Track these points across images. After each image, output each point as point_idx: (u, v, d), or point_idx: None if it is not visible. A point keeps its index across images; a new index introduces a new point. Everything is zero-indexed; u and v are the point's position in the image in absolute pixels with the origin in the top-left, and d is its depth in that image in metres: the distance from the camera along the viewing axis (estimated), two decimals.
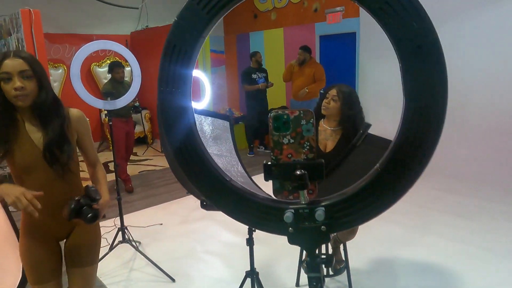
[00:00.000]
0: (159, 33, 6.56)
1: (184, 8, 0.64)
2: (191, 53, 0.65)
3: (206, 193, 0.69)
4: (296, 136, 0.67)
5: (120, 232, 3.02)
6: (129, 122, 4.50)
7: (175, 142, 0.69)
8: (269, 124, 0.68)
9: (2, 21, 4.98)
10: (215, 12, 0.63)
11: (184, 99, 0.68)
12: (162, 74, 0.67)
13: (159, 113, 0.69)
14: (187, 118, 0.68)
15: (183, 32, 0.64)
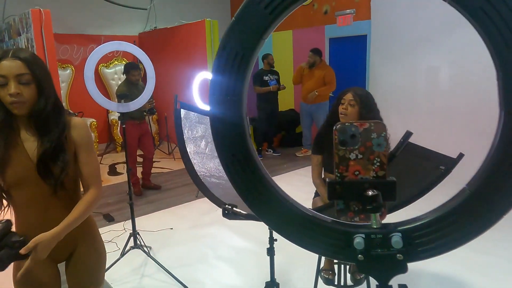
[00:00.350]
0: (167, 34, 6.52)
1: (243, 7, 0.57)
2: (249, 57, 0.59)
3: (262, 213, 0.62)
4: (365, 151, 0.60)
5: (132, 238, 2.95)
6: (142, 125, 4.38)
7: (227, 154, 0.62)
8: (334, 137, 0.60)
9: (12, 21, 4.95)
10: (279, 11, 0.56)
11: (240, 108, 0.61)
12: (217, 80, 0.60)
13: (212, 123, 0.62)
14: (242, 129, 0.61)
15: (241, 34, 0.57)
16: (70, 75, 6.47)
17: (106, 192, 4.70)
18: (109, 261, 2.90)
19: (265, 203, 0.62)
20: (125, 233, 3.53)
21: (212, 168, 2.05)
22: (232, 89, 0.59)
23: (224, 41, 0.59)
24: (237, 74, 0.59)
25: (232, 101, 0.60)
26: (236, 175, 0.62)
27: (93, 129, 6.31)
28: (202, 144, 2.13)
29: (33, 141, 1.35)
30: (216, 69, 0.60)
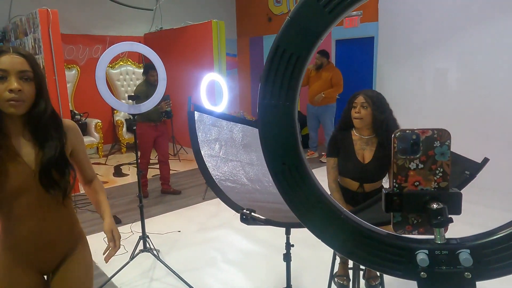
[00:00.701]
0: (173, 35, 6.49)
1: (300, 5, 0.53)
2: (304, 59, 0.55)
3: (314, 226, 0.58)
4: (426, 160, 0.56)
5: (141, 241, 2.90)
6: (158, 127, 4.27)
7: (277, 163, 0.58)
8: (393, 145, 0.56)
9: (18, 21, 4.92)
10: (340, 10, 0.52)
11: (292, 113, 0.57)
12: (267, 84, 0.56)
13: (261, 130, 0.58)
14: (293, 137, 0.57)
15: (297, 34, 0.54)
16: (76, 75, 6.45)
17: (112, 194, 4.66)
18: (116, 263, 2.89)
19: (317, 215, 0.58)
20: (133, 235, 3.50)
21: (226, 172, 2.01)
22: (285, 93, 0.55)
23: (277, 42, 0.55)
24: (290, 77, 0.55)
25: (284, 107, 0.56)
26: (286, 185, 0.58)
27: (98, 130, 6.28)
28: (216, 147, 2.09)
29: (27, 146, 1.26)
30: (268, 72, 0.56)
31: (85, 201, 4.37)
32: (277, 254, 3.18)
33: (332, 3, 0.52)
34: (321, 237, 0.58)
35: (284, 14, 7.57)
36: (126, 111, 2.55)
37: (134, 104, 2.56)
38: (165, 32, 6.72)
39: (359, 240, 0.57)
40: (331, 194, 2.41)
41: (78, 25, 6.43)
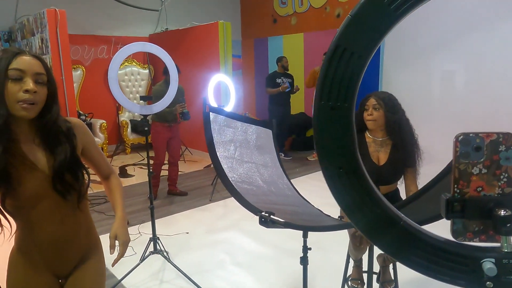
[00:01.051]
0: (179, 36, 6.48)
1: (363, 3, 0.51)
2: (366, 59, 0.53)
3: (371, 233, 0.56)
4: (490, 165, 0.54)
5: (151, 243, 2.88)
6: (172, 128, 4.23)
7: (333, 167, 0.56)
8: (455, 149, 0.54)
9: (25, 21, 4.91)
10: (407, 8, 0.50)
11: (350, 116, 0.55)
12: (325, 84, 0.54)
13: (317, 133, 0.56)
14: (351, 140, 0.55)
15: (360, 32, 0.52)
16: (81, 76, 6.44)
17: None
18: (126, 265, 2.87)
19: (374, 220, 0.56)
20: (141, 237, 3.48)
21: (242, 173, 1.99)
22: (344, 94, 0.53)
23: (337, 41, 0.53)
24: (350, 78, 0.53)
25: (343, 108, 0.54)
26: (342, 190, 0.55)
27: (103, 130, 6.26)
28: (231, 148, 2.07)
29: (41, 152, 1.24)
30: (326, 72, 0.54)
31: (92, 202, 4.35)
32: (287, 257, 3.17)
33: (398, 1, 0.50)
34: (377, 242, 0.56)
35: (289, 16, 7.56)
36: (138, 112, 2.53)
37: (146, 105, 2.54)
38: (171, 32, 6.71)
39: (419, 247, 0.55)
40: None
41: (84, 26, 6.42)
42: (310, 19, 7.21)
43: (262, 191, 1.93)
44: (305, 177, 5.33)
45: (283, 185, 2.17)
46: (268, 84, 6.18)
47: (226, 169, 1.92)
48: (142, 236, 3.47)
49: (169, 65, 2.56)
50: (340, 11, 6.72)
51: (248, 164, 2.08)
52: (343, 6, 6.64)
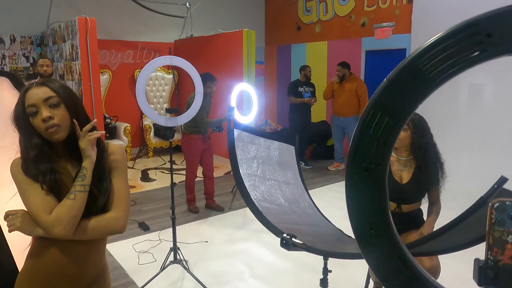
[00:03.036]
0: (203, 42, 6.56)
1: (402, 68, 0.51)
2: (401, 124, 0.53)
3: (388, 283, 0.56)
4: None
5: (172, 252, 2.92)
6: (206, 140, 4.14)
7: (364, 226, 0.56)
8: (490, 215, 0.54)
9: (57, 27, 5.08)
10: (446, 77, 0.50)
11: (383, 177, 0.55)
12: (359, 146, 0.54)
13: (348, 191, 0.56)
14: (383, 201, 0.55)
15: (396, 97, 0.52)
16: (108, 80, 6.60)
17: (139, 199, 4.73)
18: (146, 273, 2.92)
19: (404, 282, 0.56)
20: (161, 243, 3.53)
21: (264, 191, 2.00)
22: (378, 157, 0.53)
23: (373, 104, 0.53)
24: (385, 141, 0.53)
25: (376, 170, 0.54)
26: (372, 250, 0.55)
27: (127, 133, 6.40)
28: (254, 165, 2.08)
29: (73, 168, 1.30)
30: (360, 134, 0.54)
31: None
32: (306, 271, 3.15)
33: (437, 69, 0.50)
34: None
35: (314, 23, 7.54)
36: (163, 124, 2.57)
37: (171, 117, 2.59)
38: (195, 39, 6.80)
39: None
40: None
41: (112, 31, 6.59)
42: (335, 27, 7.17)
43: (283, 210, 1.93)
44: (325, 188, 5.29)
45: (304, 203, 2.16)
46: (290, 92, 6.18)
47: (249, 187, 1.93)
48: (162, 243, 3.52)
49: (194, 78, 2.60)
50: (365, 20, 6.65)
51: (270, 181, 2.09)
52: (369, 15, 6.57)
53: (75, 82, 4.59)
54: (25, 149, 1.26)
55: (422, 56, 0.50)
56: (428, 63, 0.50)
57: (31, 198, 1.23)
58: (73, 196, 1.22)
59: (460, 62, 0.48)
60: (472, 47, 0.47)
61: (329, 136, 7.07)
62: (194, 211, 4.30)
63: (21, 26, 5.77)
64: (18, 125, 1.27)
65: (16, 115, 1.26)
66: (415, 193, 2.19)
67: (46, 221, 1.20)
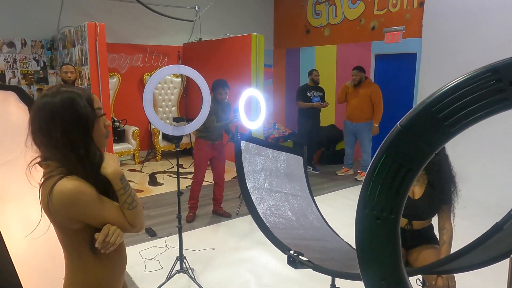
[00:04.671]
0: (211, 46, 6.56)
1: (416, 114, 0.48)
2: (415, 172, 0.50)
3: None
4: None
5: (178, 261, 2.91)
6: (216, 146, 4.06)
7: (376, 278, 0.53)
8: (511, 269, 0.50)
9: (67, 32, 5.11)
10: (462, 126, 0.46)
11: (396, 228, 0.52)
12: (370, 193, 0.51)
13: (359, 240, 0.53)
14: (396, 252, 0.52)
15: (410, 145, 0.49)
16: (117, 83, 6.63)
17: (147, 204, 4.73)
18: (153, 281, 2.91)
19: None
20: (167, 250, 3.52)
21: (271, 204, 1.97)
22: (390, 206, 0.51)
23: (385, 150, 0.50)
24: (397, 190, 0.50)
25: (388, 220, 0.51)
26: None
27: (135, 137, 6.42)
28: (261, 178, 2.06)
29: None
30: (371, 180, 0.51)
31: None
32: (313, 281, 3.11)
33: (454, 117, 0.47)
34: None
35: (323, 27, 7.49)
36: (170, 133, 2.56)
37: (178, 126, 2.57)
38: (204, 43, 6.80)
39: None
40: None
41: (121, 35, 6.62)
42: (344, 31, 7.11)
43: (291, 224, 1.90)
44: (333, 194, 5.24)
45: (312, 216, 2.13)
46: (299, 97, 6.14)
47: (256, 200, 1.91)
48: (169, 250, 3.51)
49: (202, 86, 2.59)
50: (375, 24, 6.59)
51: (278, 194, 2.06)
52: (379, 18, 6.51)
53: (84, 87, 4.62)
54: (86, 157, 1.17)
55: (438, 102, 0.47)
56: (444, 110, 0.46)
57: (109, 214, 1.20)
58: (135, 204, 1.24)
59: (479, 111, 0.45)
60: (492, 95, 0.44)
61: (337, 140, 7.02)
62: (187, 219, 4.17)
63: (32, 31, 5.83)
64: (85, 127, 1.17)
65: (84, 115, 1.16)
66: (426, 210, 2.14)
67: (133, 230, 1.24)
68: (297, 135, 6.73)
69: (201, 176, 4.13)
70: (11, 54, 5.71)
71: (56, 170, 1.16)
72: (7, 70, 5.71)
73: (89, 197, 1.15)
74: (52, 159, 1.18)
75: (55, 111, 1.14)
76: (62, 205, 1.13)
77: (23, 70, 5.84)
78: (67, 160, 1.16)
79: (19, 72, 5.80)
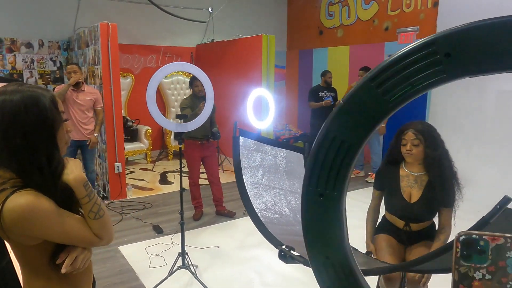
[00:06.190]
0: (224, 47, 6.60)
1: (356, 90, 0.48)
2: (357, 148, 0.49)
3: None
4: (495, 271, 0.48)
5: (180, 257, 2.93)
6: (205, 146, 4.04)
7: (320, 257, 0.52)
8: (456, 249, 0.49)
9: (82, 33, 5.24)
10: (402, 100, 0.46)
11: (340, 205, 0.51)
12: (314, 170, 0.51)
13: (304, 218, 0.53)
14: (340, 230, 0.52)
15: (352, 121, 0.48)
16: (130, 83, 6.74)
17: (156, 202, 4.79)
18: (156, 276, 2.94)
19: None
20: (173, 247, 3.55)
21: (268, 200, 1.97)
22: (333, 182, 0.50)
23: (328, 127, 0.50)
24: (340, 166, 0.50)
25: (331, 197, 0.51)
26: (328, 281, 0.52)
27: (148, 136, 6.51)
28: (259, 174, 2.06)
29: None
30: (315, 158, 0.51)
31: (131, 207, 4.52)
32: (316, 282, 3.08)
33: (392, 91, 0.46)
34: None
35: (336, 28, 7.45)
36: (173, 130, 2.59)
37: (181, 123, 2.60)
38: (216, 44, 6.85)
39: None
40: (366, 220, 2.30)
41: (136, 36, 6.74)
42: (357, 32, 7.05)
43: (287, 220, 1.90)
44: None
45: None
46: (311, 98, 6.12)
47: (252, 196, 1.91)
48: (175, 247, 3.54)
49: (205, 83, 2.61)
50: (388, 24, 6.51)
51: (276, 190, 2.05)
52: (392, 19, 6.43)
53: (97, 86, 4.71)
54: (47, 165, 1.04)
55: (377, 77, 0.46)
56: (383, 84, 0.46)
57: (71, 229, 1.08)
58: (102, 212, 1.13)
59: (417, 84, 0.44)
60: (429, 68, 0.44)
61: None
62: (194, 217, 4.24)
63: (49, 32, 6.00)
64: (49, 131, 1.04)
65: (50, 117, 1.03)
66: (424, 213, 2.09)
67: (101, 243, 1.15)
68: (309, 136, 6.69)
69: (196, 176, 4.13)
70: (29, 54, 5.88)
71: (8, 182, 1.01)
72: (25, 70, 5.89)
73: (46, 213, 1.01)
74: (4, 168, 1.02)
75: (15, 111, 0.99)
76: (15, 224, 0.98)
77: (40, 70, 6.01)
78: (24, 169, 1.02)
79: (36, 72, 5.97)
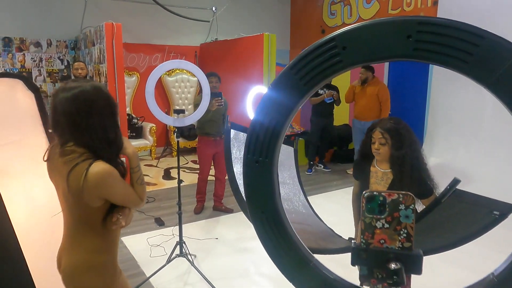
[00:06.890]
0: (227, 46, 6.73)
1: (279, 76, 0.60)
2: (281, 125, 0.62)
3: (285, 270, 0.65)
4: (392, 221, 0.60)
5: (178, 246, 3.07)
6: (217, 142, 4.06)
7: (257, 211, 0.65)
8: (362, 204, 0.61)
9: (88, 32, 5.41)
10: (314, 83, 0.58)
11: (271, 168, 0.64)
12: (250, 142, 0.64)
13: (244, 180, 0.66)
14: (272, 188, 0.64)
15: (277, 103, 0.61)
16: (136, 82, 6.91)
17: (159, 196, 4.94)
18: (156, 265, 3.08)
19: (289, 261, 0.64)
20: (173, 238, 3.69)
21: None
22: (265, 151, 0.63)
23: (259, 110, 0.63)
24: (270, 140, 0.62)
25: (264, 163, 0.63)
26: (263, 231, 0.65)
27: (152, 133, 6.67)
28: None
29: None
30: (251, 134, 0.64)
31: None
32: None
33: (306, 77, 0.58)
34: (292, 281, 0.65)
35: (338, 27, 7.54)
36: (171, 124, 2.73)
37: (178, 118, 2.74)
38: (220, 42, 6.99)
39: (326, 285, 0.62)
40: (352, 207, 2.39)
41: (141, 35, 6.91)
42: None
43: None
44: (341, 191, 5.29)
45: (298, 203, 2.24)
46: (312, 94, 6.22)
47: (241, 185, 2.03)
48: (175, 238, 3.68)
49: (202, 80, 2.74)
50: None
51: None
52: None
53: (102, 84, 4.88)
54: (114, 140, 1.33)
55: (294, 65, 0.59)
56: (299, 71, 0.58)
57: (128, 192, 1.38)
58: (144, 180, 1.47)
59: (324, 71, 0.57)
60: (331, 58, 0.56)
61: (351, 139, 7.03)
62: (195, 211, 4.37)
63: (57, 31, 6.19)
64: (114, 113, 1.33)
65: (113, 101, 1.33)
66: None
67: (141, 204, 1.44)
68: (309, 133, 6.79)
69: (206, 173, 4.24)
70: (37, 53, 6.08)
71: (83, 155, 1.26)
72: (34, 68, 6.09)
73: (117, 178, 1.31)
74: (77, 145, 1.28)
75: (90, 98, 1.26)
76: (97, 186, 1.25)
77: (48, 69, 6.20)
78: (97, 144, 1.28)
79: (45, 70, 6.17)
